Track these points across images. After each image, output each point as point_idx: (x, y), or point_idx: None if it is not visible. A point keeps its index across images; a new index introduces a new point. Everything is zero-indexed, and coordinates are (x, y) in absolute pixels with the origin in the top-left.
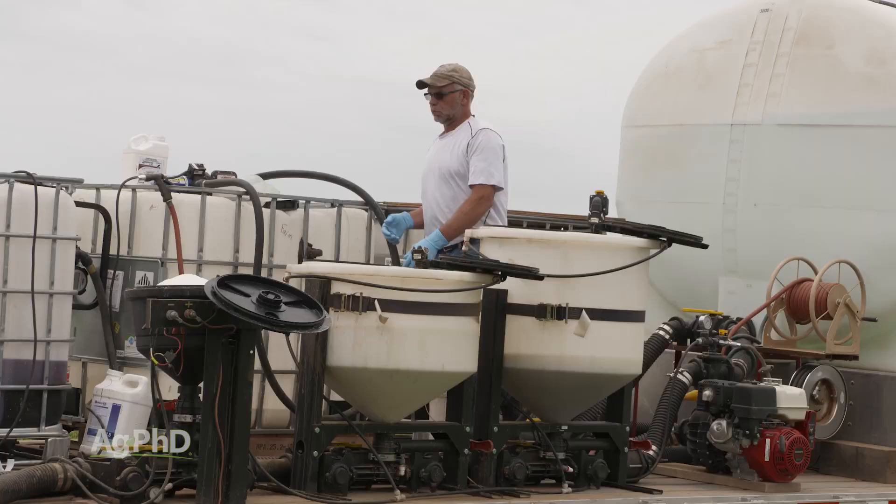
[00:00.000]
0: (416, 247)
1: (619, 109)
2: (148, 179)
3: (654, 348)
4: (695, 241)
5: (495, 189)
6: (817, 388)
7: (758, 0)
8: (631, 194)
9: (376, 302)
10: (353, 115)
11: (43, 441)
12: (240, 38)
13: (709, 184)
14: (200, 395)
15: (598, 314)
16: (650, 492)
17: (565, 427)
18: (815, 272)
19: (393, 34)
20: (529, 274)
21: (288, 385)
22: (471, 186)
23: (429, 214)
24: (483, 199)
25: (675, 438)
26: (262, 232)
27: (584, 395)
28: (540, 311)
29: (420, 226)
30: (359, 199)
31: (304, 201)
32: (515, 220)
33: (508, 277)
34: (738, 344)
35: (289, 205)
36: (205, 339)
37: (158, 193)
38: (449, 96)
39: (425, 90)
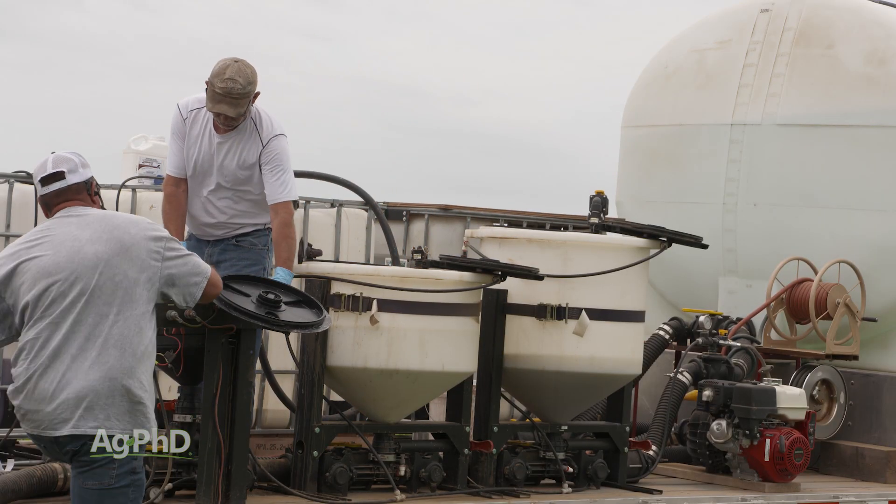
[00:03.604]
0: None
1: (619, 109)
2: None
3: (654, 348)
4: (695, 241)
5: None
6: (817, 388)
7: (758, 0)
8: (631, 194)
9: (375, 302)
10: (353, 115)
11: None
12: (240, 38)
13: (708, 184)
14: (201, 395)
15: (598, 314)
16: (650, 492)
17: (565, 427)
18: (815, 272)
19: (393, 34)
20: (529, 274)
21: (288, 385)
22: (275, 204)
23: (195, 217)
24: (292, 215)
25: (675, 438)
26: None
27: (583, 395)
28: (540, 311)
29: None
30: (359, 199)
31: (304, 201)
32: (515, 220)
33: (508, 277)
34: (738, 344)
35: None
36: (205, 339)
37: (158, 193)
38: (247, 109)
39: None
